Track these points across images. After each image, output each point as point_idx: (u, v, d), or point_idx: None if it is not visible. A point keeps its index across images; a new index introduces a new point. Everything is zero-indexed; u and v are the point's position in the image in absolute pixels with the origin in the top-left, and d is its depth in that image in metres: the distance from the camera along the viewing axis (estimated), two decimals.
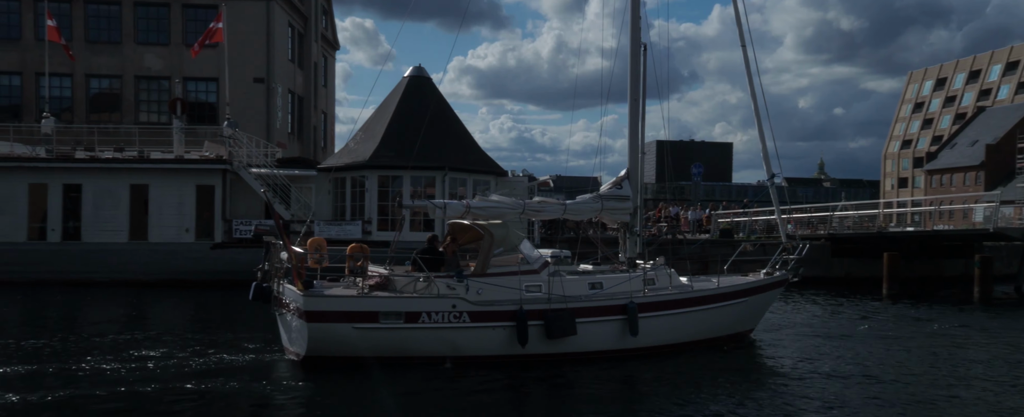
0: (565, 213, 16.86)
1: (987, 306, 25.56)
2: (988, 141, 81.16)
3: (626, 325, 14.64)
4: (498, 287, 14.09)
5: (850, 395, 12.49)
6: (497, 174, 31.26)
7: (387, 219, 29.45)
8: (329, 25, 47.36)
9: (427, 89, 32.28)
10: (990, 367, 15.08)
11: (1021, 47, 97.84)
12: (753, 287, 17.02)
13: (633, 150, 17.75)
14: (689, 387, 13.09)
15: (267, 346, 15.40)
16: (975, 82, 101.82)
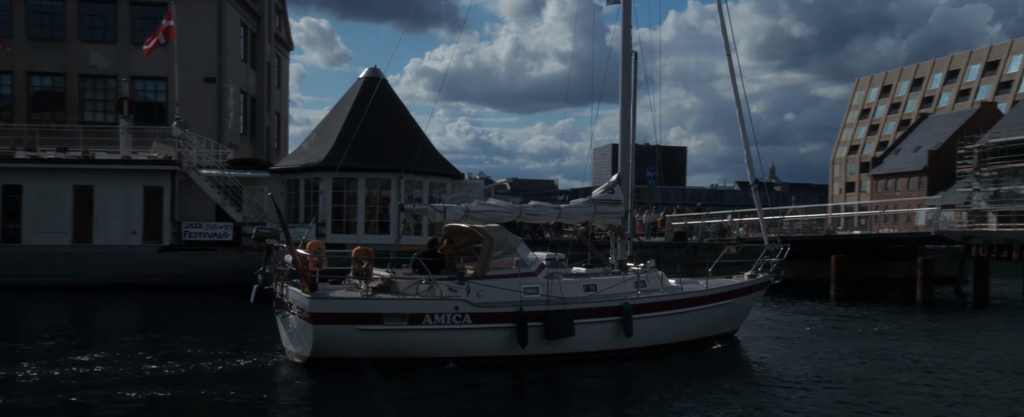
0: (560, 217, 17.27)
1: (929, 307, 26.30)
2: (930, 147, 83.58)
3: (621, 326, 15.04)
4: (497, 289, 14.33)
5: (830, 393, 12.90)
6: (453, 177, 31.18)
7: (342, 221, 29.15)
8: (282, 25, 46.75)
9: (383, 91, 32.03)
10: (933, 366, 15.51)
11: (961, 56, 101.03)
12: (739, 289, 17.56)
13: (624, 156, 18.31)
14: (684, 385, 13.53)
15: (262, 350, 15.34)
16: (918, 90, 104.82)
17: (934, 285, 28.92)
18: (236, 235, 27.98)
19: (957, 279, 32.97)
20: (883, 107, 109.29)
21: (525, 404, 12.51)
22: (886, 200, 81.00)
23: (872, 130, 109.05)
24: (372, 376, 13.28)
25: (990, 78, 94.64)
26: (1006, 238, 44.07)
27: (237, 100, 38.44)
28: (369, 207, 29.29)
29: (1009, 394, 13.19)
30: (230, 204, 28.65)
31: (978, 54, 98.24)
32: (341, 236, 28.81)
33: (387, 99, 31.96)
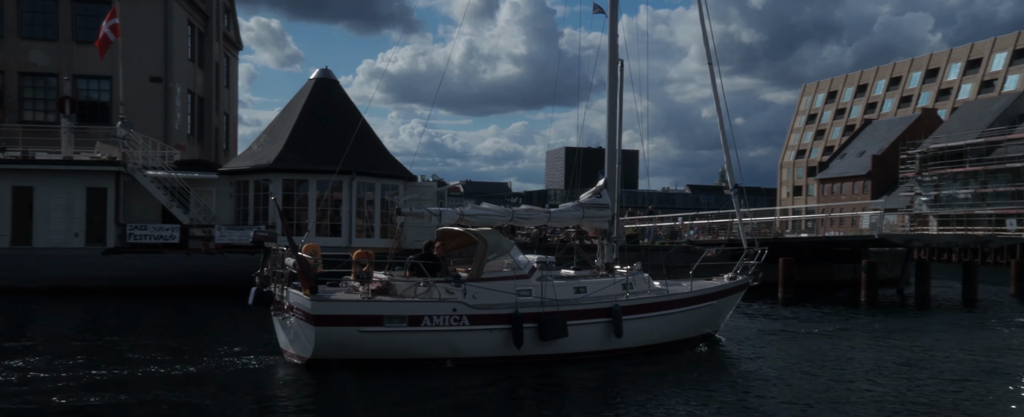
0: (549, 220, 17.60)
1: (872, 309, 26.94)
2: (874, 152, 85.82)
3: (611, 327, 15.43)
4: (493, 291, 14.66)
5: (810, 391, 13.30)
6: (406, 179, 31.00)
7: (292, 223, 28.71)
8: (231, 24, 45.95)
9: (334, 92, 31.72)
10: (875, 366, 15.90)
11: (903, 64, 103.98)
12: (722, 290, 18.05)
13: (611, 161, 18.73)
14: (675, 384, 13.93)
15: (243, 351, 15.04)
16: (862, 96, 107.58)
17: (878, 287, 29.64)
18: (183, 237, 27.40)
19: (899, 281, 33.85)
20: (829, 112, 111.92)
21: (525, 403, 12.75)
22: (832, 204, 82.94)
23: (819, 135, 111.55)
24: (376, 376, 13.49)
25: (930, 85, 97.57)
26: (946, 241, 45.59)
27: (184, 100, 37.67)
28: (320, 209, 28.95)
29: (950, 399, 13.55)
30: (177, 206, 28.06)
31: (919, 62, 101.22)
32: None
33: (338, 100, 31.65)
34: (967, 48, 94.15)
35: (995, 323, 23.57)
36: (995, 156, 63.32)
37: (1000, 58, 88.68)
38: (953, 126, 73.29)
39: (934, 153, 68.92)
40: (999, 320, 24.28)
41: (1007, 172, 61.01)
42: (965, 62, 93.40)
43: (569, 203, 18.45)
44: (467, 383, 13.43)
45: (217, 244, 27.44)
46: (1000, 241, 45.89)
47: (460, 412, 12.01)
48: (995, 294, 31.97)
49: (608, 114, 18.87)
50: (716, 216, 42.42)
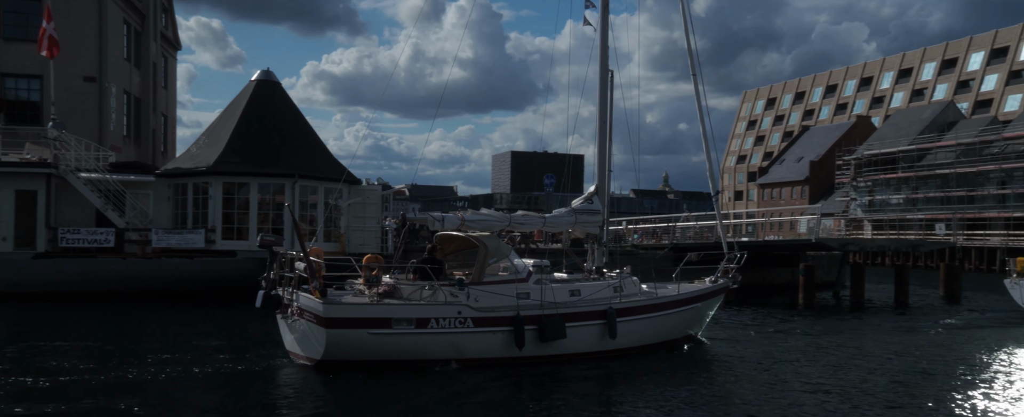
0: (545, 226, 18.34)
1: (810, 311, 27.61)
2: (811, 158, 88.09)
3: (606, 329, 16.04)
4: (494, 294, 15.15)
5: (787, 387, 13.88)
6: (350, 182, 30.64)
7: (232, 227, 28.15)
8: (169, 23, 44.82)
9: (276, 93, 31.20)
10: (816, 367, 16.30)
11: (839, 72, 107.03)
12: (706, 293, 18.79)
13: (602, 169, 19.45)
14: (667, 383, 14.62)
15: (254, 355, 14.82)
16: (801, 103, 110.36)
17: (815, 290, 30.38)
18: (118, 241, 26.60)
19: (835, 284, 34.74)
20: (768, 119, 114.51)
21: (532, 403, 13.04)
22: (771, 208, 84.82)
23: (759, 141, 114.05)
24: (384, 377, 13.83)
25: (865, 93, 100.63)
26: (879, 245, 47.00)
27: (120, 101, 36.57)
28: (262, 213, 28.42)
29: (884, 398, 13.93)
30: (112, 209, 27.23)
31: (854, 70, 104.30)
32: (232, 243, 27.83)
33: (281, 102, 31.14)
34: (899, 58, 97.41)
35: (925, 326, 24.38)
36: (925, 163, 65.57)
37: (930, 68, 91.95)
38: (886, 133, 75.67)
39: (868, 159, 71.06)
40: (928, 322, 25.13)
41: (936, 178, 63.24)
42: (897, 71, 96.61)
43: (562, 209, 19.09)
44: (473, 383, 13.86)
45: (154, 248, 26.72)
46: (930, 245, 47.55)
47: (471, 411, 12.42)
48: (925, 297, 33.07)
49: (599, 124, 19.48)
50: (659, 220, 42.99)
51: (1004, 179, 58.05)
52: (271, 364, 15.09)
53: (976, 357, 17.82)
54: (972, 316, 26.82)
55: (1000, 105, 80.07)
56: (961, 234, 56.29)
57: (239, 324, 21.17)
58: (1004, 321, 25.36)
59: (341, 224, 29.99)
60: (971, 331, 22.83)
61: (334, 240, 29.52)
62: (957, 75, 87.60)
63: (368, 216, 30.47)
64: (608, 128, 19.53)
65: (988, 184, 59.14)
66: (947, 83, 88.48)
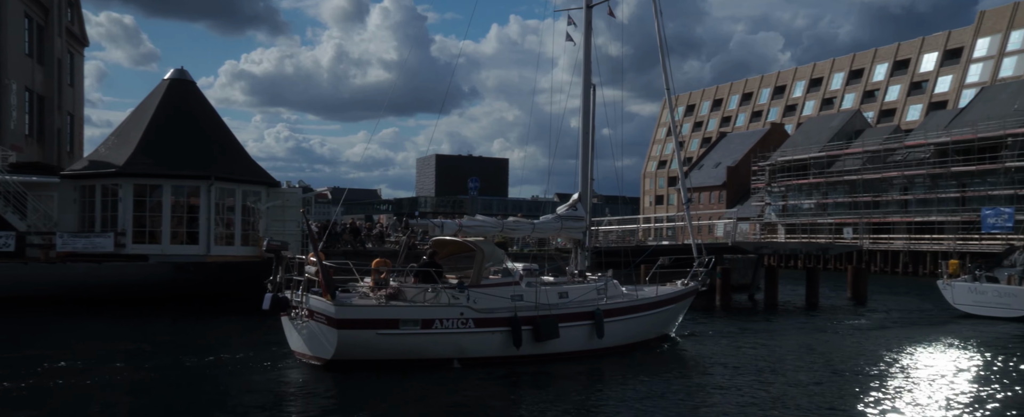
0: (533, 231, 19.45)
1: (726, 313, 28.34)
2: (729, 164, 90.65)
3: (594, 329, 17.02)
4: (491, 296, 15.93)
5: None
6: (269, 184, 29.91)
7: (144, 231, 27.10)
8: (75, 18, 42.89)
9: (190, 93, 30.23)
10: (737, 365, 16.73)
11: (754, 80, 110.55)
12: (681, 295, 20.16)
13: (584, 177, 20.55)
14: (654, 377, 15.58)
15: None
16: (718, 110, 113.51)
17: (731, 292, 31.19)
18: (20, 245, 25.29)
19: (751, 286, 35.75)
20: (688, 125, 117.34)
21: (535, 399, 13.60)
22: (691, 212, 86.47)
23: (679, 146, 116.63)
24: (392, 375, 14.45)
25: (779, 101, 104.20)
26: (792, 249, 48.63)
27: (21, 98, 34.79)
28: (175, 216, 27.46)
29: (795, 397, 14.37)
30: (12, 212, 25.86)
31: (768, 79, 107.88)
32: (144, 247, 26.80)
33: (195, 102, 30.19)
34: (810, 67, 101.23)
35: (833, 326, 25.32)
36: (834, 169, 68.23)
37: (838, 78, 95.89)
38: (798, 140, 78.44)
39: (781, 165, 73.47)
40: (835, 323, 26.12)
41: (845, 184, 65.87)
42: (808, 80, 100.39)
43: (549, 216, 20.12)
44: (475, 381, 14.58)
45: (59, 252, 25.49)
46: (838, 248, 49.45)
47: (476, 407, 13.04)
48: (834, 298, 34.36)
49: (582, 136, 20.72)
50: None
51: (906, 185, 60.93)
52: (279, 364, 15.69)
53: (883, 354, 18.60)
54: (877, 316, 28.00)
55: (903, 115, 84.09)
56: (867, 238, 58.78)
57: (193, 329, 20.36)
58: (908, 321, 26.59)
59: (259, 227, 29.23)
60: (878, 331, 23.83)
61: (252, 244, 28.76)
62: (863, 85, 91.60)
63: (288, 219, 29.78)
64: (590, 140, 20.67)
65: (892, 190, 61.95)
66: (854, 93, 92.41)
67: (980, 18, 79.55)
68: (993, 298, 26.95)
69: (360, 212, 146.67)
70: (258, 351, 17.04)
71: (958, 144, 56.35)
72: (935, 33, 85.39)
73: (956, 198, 56.49)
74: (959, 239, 52.34)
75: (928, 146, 59.26)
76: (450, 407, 12.93)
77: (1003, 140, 53.46)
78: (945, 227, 55.37)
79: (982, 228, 50.76)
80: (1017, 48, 74.73)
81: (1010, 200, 51.57)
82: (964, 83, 78.49)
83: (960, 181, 56.72)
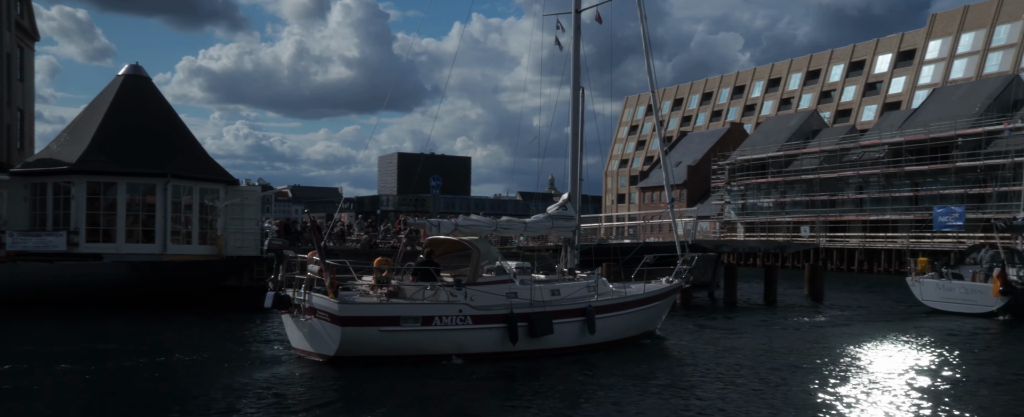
0: (526, 231, 19.83)
1: (687, 311, 28.63)
2: (689, 163, 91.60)
3: (586, 325, 17.53)
4: (487, 294, 16.34)
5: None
6: (227, 183, 29.44)
7: (98, 229, 26.51)
8: (25, 12, 41.78)
9: (146, 89, 29.63)
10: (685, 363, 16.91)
11: (714, 80, 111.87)
12: (666, 292, 20.73)
13: (574, 178, 21.29)
14: (645, 372, 16.12)
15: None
16: (679, 109, 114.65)
17: (691, 290, 31.49)
18: None
19: (710, 284, 36.15)
20: (649, 124, 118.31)
21: (531, 391, 14.09)
22: (652, 211, 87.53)
23: (640, 145, 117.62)
24: (393, 371, 14.89)
25: (738, 101, 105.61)
26: (751, 247, 49.34)
27: None
28: (131, 214, 26.90)
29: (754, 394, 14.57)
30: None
31: (728, 79, 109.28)
32: (98, 245, 26.22)
33: (151, 98, 29.60)
34: (768, 68, 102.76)
35: (792, 323, 25.74)
36: (792, 168, 69.34)
37: (796, 78, 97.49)
38: (757, 140, 79.55)
39: (741, 164, 74.45)
40: (792, 320, 26.56)
41: (802, 183, 66.98)
42: (767, 81, 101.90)
43: (540, 215, 20.64)
44: (474, 376, 14.99)
45: (9, 252, 24.80)
46: (796, 247, 50.26)
47: (480, 400, 13.45)
48: (791, 296, 34.93)
49: (571, 139, 21.49)
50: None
51: (861, 184, 62.17)
52: (278, 360, 16.09)
53: (839, 351, 18.97)
54: (834, 313, 28.53)
55: (858, 115, 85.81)
56: (824, 236, 59.88)
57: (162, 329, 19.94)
58: (864, 318, 27.14)
59: (218, 226, 28.77)
60: (834, 328, 24.28)
61: (210, 242, 28.31)
62: (820, 86, 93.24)
63: (247, 217, 29.33)
64: (579, 142, 21.48)
65: (847, 189, 63.16)
66: (811, 93, 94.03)
67: (932, 21, 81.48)
68: (960, 295, 27.60)
69: (321, 210, 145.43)
70: (249, 347, 17.50)
71: (911, 144, 57.64)
72: (889, 35, 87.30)
73: (909, 197, 57.80)
74: (912, 237, 53.57)
75: (882, 146, 60.51)
76: (452, 402, 13.26)
77: (954, 140, 54.81)
78: (899, 225, 56.62)
79: (934, 227, 51.98)
80: (967, 50, 76.70)
81: (960, 199, 52.91)
82: (917, 84, 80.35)
83: (913, 180, 58.05)
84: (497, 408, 12.93)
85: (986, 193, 51.76)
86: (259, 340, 19.39)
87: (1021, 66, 69.79)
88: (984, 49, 74.96)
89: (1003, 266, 26.83)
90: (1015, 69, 69.11)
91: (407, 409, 12.68)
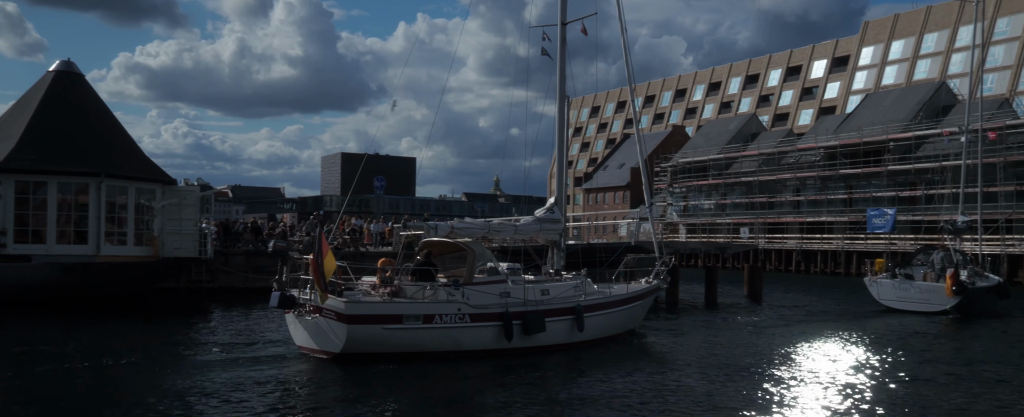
0: (516, 233, 20.88)
1: None
2: (632, 165, 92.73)
3: (575, 323, 18.26)
4: (483, 293, 17.05)
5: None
6: (164, 182, 28.70)
7: (26, 230, 25.56)
8: None
9: (78, 85, 28.71)
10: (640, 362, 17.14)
11: (656, 83, 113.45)
12: (648, 291, 21.72)
13: (560, 183, 22.23)
14: (632, 368, 16.67)
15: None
16: (622, 111, 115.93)
17: None
18: None
19: None
20: (593, 126, 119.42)
21: (528, 385, 14.85)
22: (596, 212, 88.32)
23: (584, 147, 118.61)
24: (398, 368, 15.45)
25: (680, 104, 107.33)
26: (692, 248, 50.18)
27: None
28: (62, 214, 26.01)
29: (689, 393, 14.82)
30: None
31: (670, 82, 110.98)
32: (27, 247, 25.29)
33: (84, 95, 28.69)
34: (709, 72, 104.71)
35: (728, 322, 26.26)
36: (732, 171, 70.75)
37: (735, 82, 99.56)
38: (698, 142, 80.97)
39: (683, 167, 75.67)
40: (730, 319, 27.12)
41: (742, 185, 68.41)
42: (708, 84, 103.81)
43: (529, 217, 21.70)
44: (471, 372, 15.64)
45: None
46: (736, 248, 51.32)
47: (482, 394, 14.12)
48: (731, 296, 35.61)
49: (557, 146, 22.68)
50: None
51: (799, 187, 63.79)
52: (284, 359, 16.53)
53: (777, 350, 19.41)
54: (771, 313, 29.20)
55: (795, 119, 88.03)
56: (763, 237, 61.26)
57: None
58: (801, 318, 27.85)
59: (154, 227, 28.01)
60: (773, 328, 24.85)
61: (146, 244, 27.55)
62: (759, 90, 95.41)
63: (185, 218, 28.63)
64: (565, 149, 22.66)
65: (785, 191, 64.73)
66: (751, 97, 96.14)
67: (864, 28, 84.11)
68: (915, 294, 28.94)
69: (263, 211, 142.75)
70: (240, 347, 17.83)
71: (845, 148, 59.36)
72: (824, 41, 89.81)
73: (844, 199, 59.53)
74: (847, 239, 55.18)
75: (818, 149, 62.19)
76: (458, 396, 13.93)
77: (886, 144, 56.65)
78: (834, 227, 58.25)
79: (867, 228, 53.62)
80: (898, 57, 79.40)
81: (892, 201, 54.72)
82: (851, 89, 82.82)
83: (847, 183, 59.80)
84: (503, 401, 13.46)
85: (916, 196, 53.64)
86: (193, 344, 18.95)
87: (948, 73, 72.55)
88: (913, 56, 77.69)
89: (956, 267, 28.41)
90: (942, 76, 71.79)
91: (417, 401, 13.40)
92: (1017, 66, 68.77)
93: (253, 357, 16.53)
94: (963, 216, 33.33)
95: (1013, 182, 47.85)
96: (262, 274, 32.15)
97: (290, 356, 16.65)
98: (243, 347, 17.73)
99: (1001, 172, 47.37)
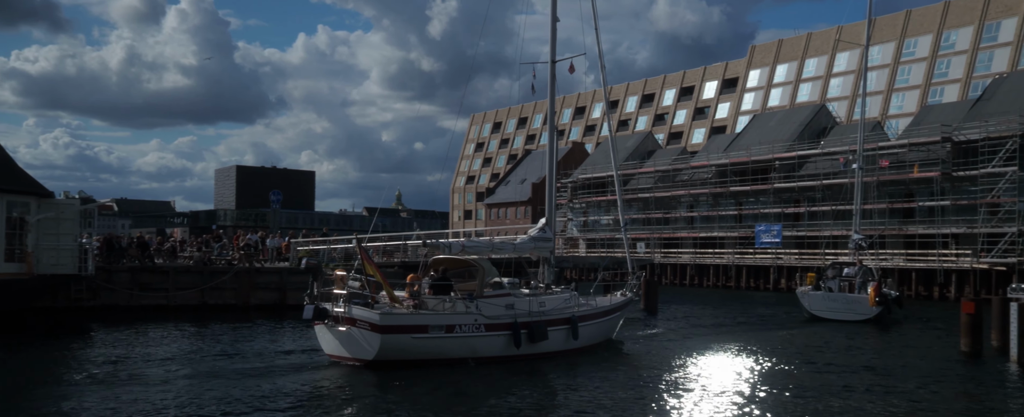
0: (514, 251, 22.55)
1: None
2: (533, 180, 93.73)
3: (570, 332, 20.41)
4: (493, 305, 19.00)
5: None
6: (40, 195, 27.06)
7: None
8: None
9: None
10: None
11: (557, 100, 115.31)
12: (625, 304, 24.23)
13: (550, 202, 24.79)
14: (627, 371, 18.75)
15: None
16: (524, 127, 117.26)
17: None
18: None
19: None
20: (495, 142, 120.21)
21: (538, 385, 16.79)
22: (498, 227, 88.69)
23: (486, 162, 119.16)
24: (423, 372, 17.05)
25: (579, 121, 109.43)
26: (591, 262, 51.10)
27: None
28: None
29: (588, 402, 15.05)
30: None
31: (569, 100, 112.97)
32: None
33: None
34: (608, 91, 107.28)
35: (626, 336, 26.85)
36: (630, 187, 72.56)
37: (632, 101, 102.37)
38: (597, 159, 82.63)
39: (582, 183, 77.03)
40: (629, 332, 27.72)
41: (639, 201, 70.21)
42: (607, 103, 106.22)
43: (525, 236, 23.55)
44: (486, 375, 17.35)
45: None
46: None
47: (491, 392, 15.83)
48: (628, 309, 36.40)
49: (548, 166, 25.61)
50: (389, 239, 43.04)
51: (692, 203, 65.98)
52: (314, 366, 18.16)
53: (672, 362, 20.04)
54: (668, 325, 30.03)
55: (689, 137, 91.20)
56: (659, 252, 62.99)
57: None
58: (691, 332, 28.73)
59: (28, 242, 26.34)
60: (666, 340, 25.54)
61: (19, 260, 25.87)
62: (655, 109, 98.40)
63: (63, 233, 27.06)
64: (553, 168, 25.70)
65: (680, 207, 66.81)
66: (647, 116, 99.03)
67: (751, 52, 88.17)
68: (842, 305, 31.81)
69: (151, 225, 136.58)
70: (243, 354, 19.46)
71: (735, 166, 61.82)
72: (715, 63, 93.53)
73: (734, 216, 61.92)
74: (737, 253, 57.39)
75: (710, 167, 64.55)
76: (482, 396, 15.48)
77: (772, 163, 59.35)
78: (725, 242, 60.48)
79: (755, 243, 55.91)
80: (782, 80, 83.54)
81: (778, 217, 57.31)
82: (740, 110, 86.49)
83: (737, 200, 62.27)
84: (531, 402, 15.01)
85: (800, 212, 56.36)
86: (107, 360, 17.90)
87: (827, 96, 76.85)
88: (796, 80, 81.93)
89: (879, 280, 31.82)
90: (822, 99, 75.98)
91: (446, 403, 14.85)
92: (888, 91, 73.55)
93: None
94: (857, 233, 35.96)
95: (886, 200, 50.95)
96: (149, 292, 30.74)
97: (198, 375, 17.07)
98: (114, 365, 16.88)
99: (874, 191, 50.37)
